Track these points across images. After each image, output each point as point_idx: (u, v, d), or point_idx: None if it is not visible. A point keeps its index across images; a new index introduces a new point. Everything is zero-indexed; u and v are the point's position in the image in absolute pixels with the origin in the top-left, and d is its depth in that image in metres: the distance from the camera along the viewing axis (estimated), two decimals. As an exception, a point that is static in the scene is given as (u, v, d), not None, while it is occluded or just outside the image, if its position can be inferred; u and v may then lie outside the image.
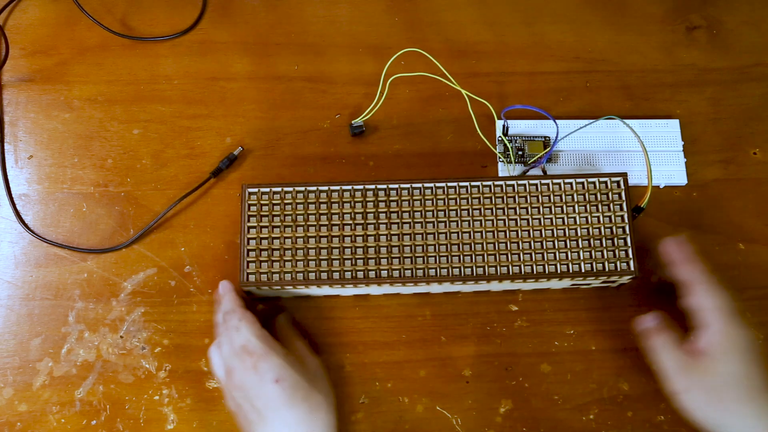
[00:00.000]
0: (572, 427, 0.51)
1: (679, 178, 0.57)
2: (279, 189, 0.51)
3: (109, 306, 0.54)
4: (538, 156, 0.57)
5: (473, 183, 0.51)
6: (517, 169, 0.57)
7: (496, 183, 0.51)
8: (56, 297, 0.55)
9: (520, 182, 0.51)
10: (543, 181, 0.51)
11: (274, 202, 0.51)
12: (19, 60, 0.63)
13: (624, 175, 0.51)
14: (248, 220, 0.50)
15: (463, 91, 0.57)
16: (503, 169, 0.58)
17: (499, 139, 0.58)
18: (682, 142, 0.58)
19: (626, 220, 0.50)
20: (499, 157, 0.58)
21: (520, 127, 0.59)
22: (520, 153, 0.58)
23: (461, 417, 0.51)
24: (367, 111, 0.57)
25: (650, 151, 0.57)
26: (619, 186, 0.51)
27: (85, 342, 0.53)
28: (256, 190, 0.51)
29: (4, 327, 0.54)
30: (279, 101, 0.61)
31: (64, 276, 0.55)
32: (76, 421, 0.51)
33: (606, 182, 0.51)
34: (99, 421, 0.51)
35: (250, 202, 0.51)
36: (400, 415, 0.52)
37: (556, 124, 0.57)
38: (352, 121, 0.58)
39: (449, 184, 0.51)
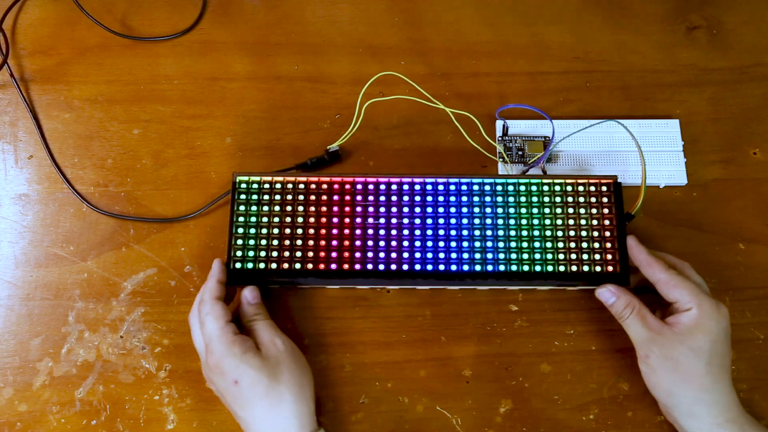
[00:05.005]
0: (572, 427, 0.51)
1: (679, 178, 0.57)
2: (269, 178, 0.51)
3: (109, 306, 0.54)
4: (536, 156, 0.57)
5: (463, 179, 0.52)
6: (515, 169, 0.57)
7: (486, 181, 0.51)
8: (56, 297, 0.55)
9: (510, 181, 0.51)
10: (533, 181, 0.51)
11: (263, 191, 0.51)
12: (19, 60, 0.63)
13: (614, 178, 0.51)
14: (237, 208, 0.50)
15: (447, 109, 0.56)
16: (502, 169, 0.58)
17: (499, 139, 0.58)
18: (682, 142, 0.58)
19: (614, 224, 0.50)
20: (499, 156, 0.58)
21: (520, 127, 0.59)
22: (520, 153, 0.58)
23: (461, 417, 0.51)
24: (343, 136, 0.57)
25: (650, 151, 0.58)
26: (608, 189, 0.51)
27: (85, 342, 0.53)
28: (246, 178, 0.51)
29: (4, 327, 0.54)
30: (279, 101, 0.61)
31: (64, 276, 0.55)
32: (76, 421, 0.51)
33: (596, 185, 0.51)
34: (99, 421, 0.51)
35: (239, 190, 0.51)
36: (400, 415, 0.52)
37: (552, 124, 0.57)
38: (328, 147, 0.57)
39: (427, 180, 0.51)
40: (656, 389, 0.47)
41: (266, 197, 0.51)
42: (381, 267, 0.49)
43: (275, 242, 0.50)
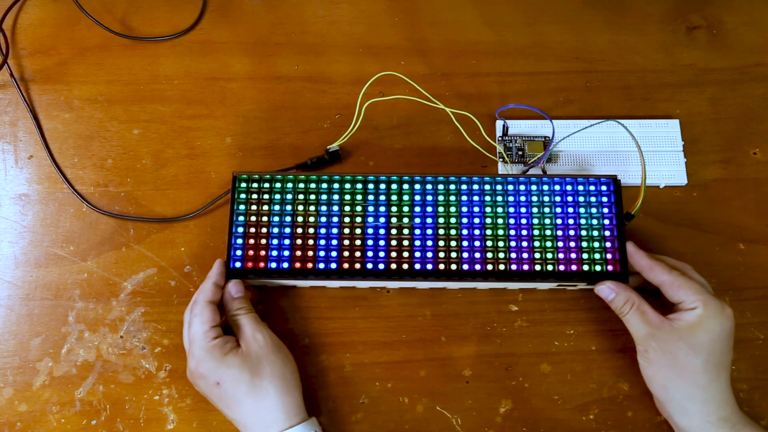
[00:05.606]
0: (572, 427, 0.51)
1: (679, 178, 0.57)
2: (269, 177, 0.51)
3: (109, 306, 0.54)
4: (536, 156, 0.57)
5: (463, 179, 0.52)
6: (515, 169, 0.57)
7: (486, 181, 0.51)
8: (56, 297, 0.55)
9: (510, 181, 0.51)
10: (533, 181, 0.51)
11: (263, 191, 0.51)
12: (19, 60, 0.63)
13: (614, 178, 0.51)
14: (237, 208, 0.50)
15: (447, 109, 0.56)
16: (502, 169, 0.58)
17: (499, 139, 0.58)
18: (682, 142, 0.58)
19: (614, 223, 0.50)
20: (499, 156, 0.58)
21: (520, 127, 0.59)
22: (520, 153, 0.58)
23: (461, 417, 0.51)
24: (343, 136, 0.57)
25: (650, 151, 0.58)
26: (608, 189, 0.51)
27: (85, 342, 0.53)
28: (246, 177, 0.51)
29: (4, 327, 0.54)
30: (279, 101, 0.61)
31: (64, 276, 0.55)
32: (76, 421, 0.51)
33: (596, 185, 0.51)
34: (99, 421, 0.51)
35: (239, 190, 0.51)
36: (400, 415, 0.52)
37: (552, 124, 0.57)
38: (328, 146, 0.58)
39: (427, 178, 0.51)
40: (652, 383, 0.47)
41: (266, 197, 0.51)
42: (381, 267, 0.49)
43: (275, 242, 0.50)
